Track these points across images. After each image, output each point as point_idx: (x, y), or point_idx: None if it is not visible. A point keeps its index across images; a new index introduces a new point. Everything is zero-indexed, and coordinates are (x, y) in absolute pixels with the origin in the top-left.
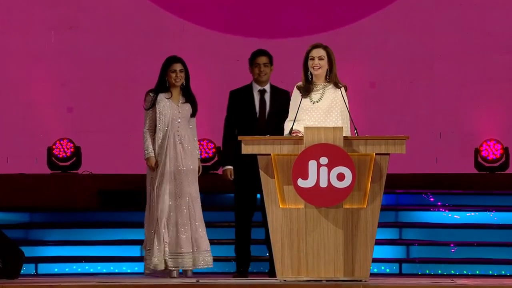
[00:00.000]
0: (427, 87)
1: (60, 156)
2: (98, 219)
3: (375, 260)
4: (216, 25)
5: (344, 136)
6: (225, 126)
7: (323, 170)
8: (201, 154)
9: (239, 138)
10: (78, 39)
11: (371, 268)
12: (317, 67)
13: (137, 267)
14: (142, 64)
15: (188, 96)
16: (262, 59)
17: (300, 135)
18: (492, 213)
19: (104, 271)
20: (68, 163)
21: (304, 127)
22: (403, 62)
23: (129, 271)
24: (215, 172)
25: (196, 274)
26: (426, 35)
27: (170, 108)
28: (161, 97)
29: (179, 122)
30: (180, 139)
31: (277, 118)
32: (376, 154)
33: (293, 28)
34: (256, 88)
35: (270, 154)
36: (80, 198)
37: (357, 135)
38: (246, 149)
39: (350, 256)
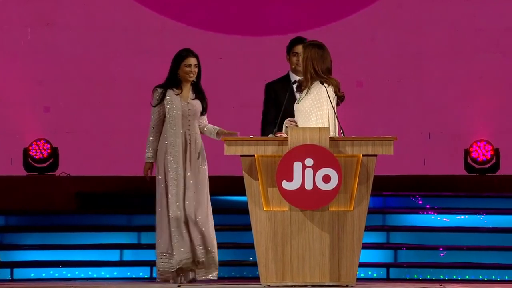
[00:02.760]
0: (415, 86)
1: (37, 157)
2: (76, 222)
3: (361, 265)
4: (198, 22)
5: (330, 137)
6: (263, 121)
7: (309, 172)
8: None
9: (222, 138)
10: (55, 36)
11: (357, 272)
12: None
13: (116, 271)
14: (121, 62)
15: (199, 93)
16: (301, 48)
17: (284, 135)
18: (482, 216)
19: (82, 276)
20: (45, 165)
21: (288, 127)
22: (391, 61)
23: (107, 276)
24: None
25: None
26: (414, 33)
27: (179, 105)
28: (170, 93)
29: (189, 120)
30: (190, 138)
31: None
32: (363, 155)
33: (277, 26)
34: (294, 78)
35: (253, 155)
36: (57, 201)
37: (344, 135)
38: (229, 150)
39: (336, 261)
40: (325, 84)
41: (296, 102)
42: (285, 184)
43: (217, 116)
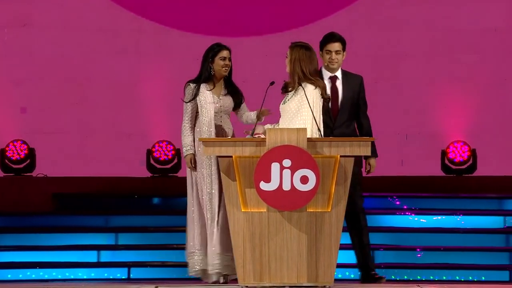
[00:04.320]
0: (392, 87)
1: (13, 158)
2: (53, 223)
3: (339, 265)
4: (175, 22)
5: (307, 138)
6: None
7: (286, 173)
8: (159, 157)
9: (199, 139)
10: (32, 37)
11: (335, 273)
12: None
13: (93, 272)
14: (98, 62)
15: (231, 87)
16: (334, 46)
17: (262, 136)
18: (460, 217)
19: (59, 277)
20: (21, 166)
21: (266, 128)
22: (368, 61)
23: (85, 277)
24: (174, 174)
25: (156, 280)
26: (392, 34)
27: (212, 101)
28: (202, 88)
29: (221, 116)
30: (223, 134)
31: (350, 106)
32: (340, 156)
33: (255, 27)
34: (327, 75)
35: (231, 156)
36: (34, 202)
37: (322, 136)
38: (207, 151)
39: (314, 261)
40: (312, 86)
41: (282, 103)
42: (263, 185)
43: None
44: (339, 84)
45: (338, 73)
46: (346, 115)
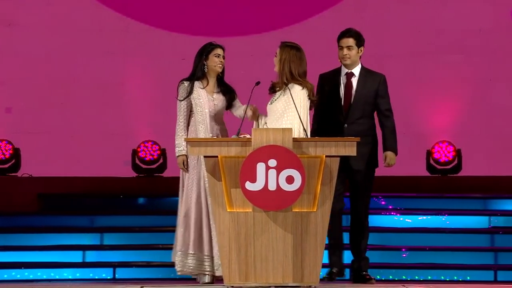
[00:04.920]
0: None
1: None
2: (38, 223)
3: (325, 265)
4: (161, 23)
5: (293, 138)
6: (314, 111)
7: (272, 173)
8: (145, 157)
9: (185, 139)
10: (16, 37)
11: (320, 273)
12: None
13: (79, 273)
14: (84, 62)
15: (223, 85)
16: (346, 41)
17: (248, 136)
18: (445, 217)
19: (44, 277)
20: (6, 166)
21: (252, 128)
22: None
23: (70, 277)
24: (160, 174)
25: (142, 280)
26: (377, 34)
27: (206, 99)
28: (196, 86)
29: (215, 114)
30: (218, 132)
31: (363, 104)
32: (326, 156)
33: (241, 27)
34: (344, 71)
35: (217, 156)
36: (19, 202)
37: (307, 136)
38: (193, 151)
39: (299, 261)
40: (299, 87)
41: (269, 103)
42: (249, 185)
43: None
44: (354, 81)
45: (356, 70)
46: (359, 112)
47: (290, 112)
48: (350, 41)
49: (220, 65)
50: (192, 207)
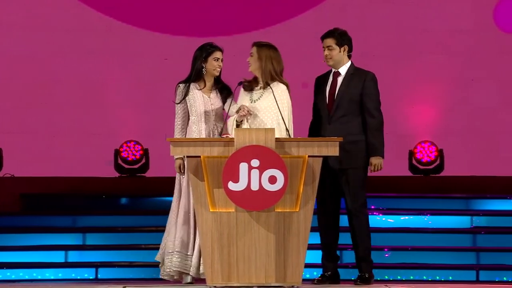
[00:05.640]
0: None
1: None
2: (20, 223)
3: (307, 265)
4: (143, 23)
5: (276, 138)
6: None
7: (255, 173)
8: (127, 157)
9: (167, 139)
10: None
11: (303, 273)
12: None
13: (61, 273)
14: (66, 62)
15: (221, 85)
16: (326, 42)
17: (231, 136)
18: (427, 217)
19: (27, 277)
20: None
21: (234, 128)
22: None
23: (52, 277)
24: (142, 174)
25: (124, 280)
26: (359, 33)
27: (202, 101)
28: (192, 87)
29: (213, 115)
30: (215, 134)
31: (348, 102)
32: (309, 156)
33: (223, 27)
34: (333, 71)
35: (199, 156)
36: (1, 202)
37: (290, 136)
38: (175, 151)
39: (282, 261)
40: (283, 86)
41: (250, 101)
42: (231, 185)
43: (163, 117)
44: (340, 80)
45: (343, 69)
46: (343, 111)
47: (276, 110)
48: (330, 41)
49: (219, 69)
50: (191, 209)
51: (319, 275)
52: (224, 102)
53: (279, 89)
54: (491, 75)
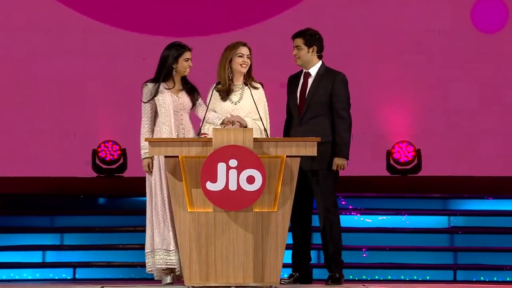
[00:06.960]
0: None
1: None
2: None
3: (285, 265)
4: (121, 22)
5: (254, 138)
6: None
7: (233, 173)
8: (105, 157)
9: (145, 139)
10: None
11: (281, 273)
12: (245, 65)
13: (39, 273)
14: (43, 62)
15: (188, 85)
16: (294, 42)
17: (209, 136)
18: (404, 216)
19: (4, 277)
20: None
21: (213, 128)
22: None
23: (30, 277)
24: (120, 174)
25: (102, 280)
26: (337, 33)
27: (171, 100)
28: (161, 87)
29: (181, 114)
30: (184, 132)
31: (318, 104)
32: (287, 156)
33: (201, 26)
34: (303, 71)
35: (177, 156)
36: None
37: (268, 136)
38: (153, 151)
39: (260, 261)
40: (260, 87)
41: (231, 102)
42: (209, 185)
43: (141, 117)
44: (310, 81)
45: (313, 69)
46: (313, 112)
47: (253, 111)
48: (299, 41)
49: (189, 69)
50: (167, 205)
51: (288, 275)
52: (193, 102)
53: (257, 90)
54: (469, 75)
